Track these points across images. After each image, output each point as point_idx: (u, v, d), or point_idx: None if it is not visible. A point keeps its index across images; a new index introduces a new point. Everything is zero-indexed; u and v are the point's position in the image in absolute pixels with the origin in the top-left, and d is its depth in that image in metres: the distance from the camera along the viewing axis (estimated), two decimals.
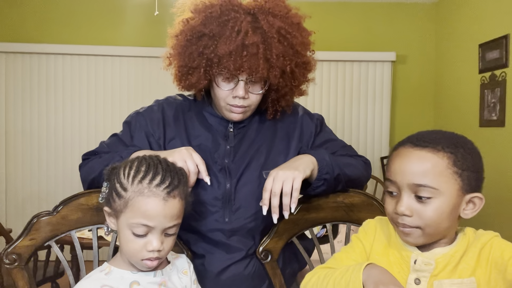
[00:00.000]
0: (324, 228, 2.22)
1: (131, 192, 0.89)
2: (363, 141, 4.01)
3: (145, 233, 0.89)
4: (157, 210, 0.88)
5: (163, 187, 0.89)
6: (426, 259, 0.86)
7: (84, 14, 3.89)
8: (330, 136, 1.29)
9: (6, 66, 3.83)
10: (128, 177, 0.91)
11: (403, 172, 0.84)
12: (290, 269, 1.27)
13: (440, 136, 0.86)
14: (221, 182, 1.16)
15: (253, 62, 1.08)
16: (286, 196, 1.05)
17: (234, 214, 1.15)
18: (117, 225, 0.93)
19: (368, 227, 0.99)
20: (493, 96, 3.09)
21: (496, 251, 0.82)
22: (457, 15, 3.61)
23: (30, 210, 3.83)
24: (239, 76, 1.11)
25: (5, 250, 1.09)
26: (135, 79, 3.93)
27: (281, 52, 1.10)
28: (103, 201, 0.95)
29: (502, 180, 3.03)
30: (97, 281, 0.92)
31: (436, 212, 0.82)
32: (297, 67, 1.16)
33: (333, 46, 3.92)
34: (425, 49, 3.99)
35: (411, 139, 0.87)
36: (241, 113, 1.16)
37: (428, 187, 0.81)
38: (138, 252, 0.90)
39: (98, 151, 1.21)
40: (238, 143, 1.20)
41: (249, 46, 1.07)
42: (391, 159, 0.89)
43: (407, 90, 4.03)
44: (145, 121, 1.21)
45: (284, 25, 1.12)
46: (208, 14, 1.10)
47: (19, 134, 3.87)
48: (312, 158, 1.13)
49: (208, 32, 1.09)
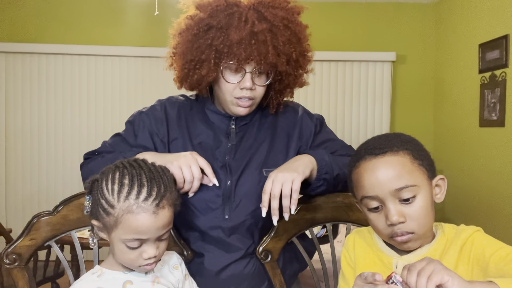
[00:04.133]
0: (324, 228, 2.22)
1: (119, 209, 0.87)
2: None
3: (139, 245, 0.89)
4: (148, 225, 0.88)
5: (151, 201, 0.88)
6: (405, 261, 0.85)
7: (84, 14, 3.89)
8: (330, 136, 1.29)
9: (6, 66, 3.83)
10: (113, 193, 0.88)
11: (379, 183, 0.83)
12: (291, 270, 1.27)
13: (389, 139, 0.88)
14: (222, 179, 1.16)
15: (262, 50, 1.10)
16: (285, 198, 1.06)
17: (234, 211, 1.15)
18: (109, 238, 0.92)
19: (348, 244, 0.99)
20: (493, 96, 3.09)
21: (478, 248, 0.82)
22: (457, 15, 3.61)
23: (30, 210, 3.83)
24: (246, 67, 1.12)
25: (5, 250, 1.09)
26: (135, 79, 3.93)
27: (287, 39, 1.13)
28: (88, 214, 0.93)
29: (502, 180, 3.03)
30: (92, 283, 0.92)
31: (423, 207, 0.83)
32: (301, 56, 1.19)
33: (333, 46, 3.92)
34: (425, 49, 3.99)
35: (367, 151, 0.88)
36: (248, 106, 1.16)
37: (409, 187, 0.82)
38: (135, 261, 0.91)
39: (101, 151, 1.21)
40: (239, 141, 1.21)
41: (258, 33, 1.10)
42: (358, 177, 0.88)
43: (407, 90, 4.03)
44: (149, 120, 1.21)
45: (286, 15, 1.15)
46: (214, 7, 1.13)
47: (19, 134, 3.87)
48: (311, 158, 1.14)
49: (216, 24, 1.11)
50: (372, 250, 0.93)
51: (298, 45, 1.17)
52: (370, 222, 0.89)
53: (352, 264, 0.96)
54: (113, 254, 0.95)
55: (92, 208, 0.92)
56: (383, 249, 0.91)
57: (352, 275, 0.95)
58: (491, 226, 3.04)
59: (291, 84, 1.23)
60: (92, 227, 0.94)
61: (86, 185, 0.93)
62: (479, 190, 3.30)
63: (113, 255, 0.95)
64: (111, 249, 0.95)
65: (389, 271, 0.87)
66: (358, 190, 0.89)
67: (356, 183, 0.89)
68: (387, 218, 0.83)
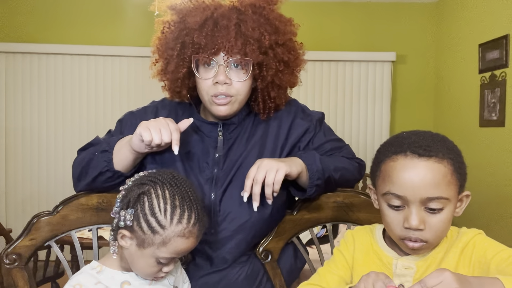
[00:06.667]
0: (324, 228, 2.22)
1: (170, 231, 0.88)
2: (363, 141, 4.01)
3: (169, 262, 0.93)
4: (191, 247, 0.92)
5: (198, 226, 0.91)
6: (406, 263, 0.85)
7: (84, 14, 3.89)
8: (328, 137, 1.24)
9: (6, 66, 3.83)
10: (165, 213, 0.88)
11: (413, 186, 0.78)
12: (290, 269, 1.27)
13: (435, 141, 0.82)
14: (206, 193, 1.13)
15: (226, 35, 1.05)
16: (268, 186, 1.03)
17: (221, 225, 1.13)
18: (137, 251, 0.90)
19: (347, 238, 0.97)
20: (493, 96, 3.09)
21: (479, 250, 0.81)
22: (457, 15, 3.61)
23: (30, 210, 3.82)
24: (216, 59, 1.08)
25: (5, 250, 1.09)
26: (135, 79, 3.92)
27: (256, 25, 1.07)
28: (122, 226, 0.90)
29: (502, 180, 3.03)
30: (92, 277, 0.93)
31: (445, 220, 0.80)
32: (280, 47, 1.12)
33: (333, 46, 3.91)
34: (425, 49, 3.99)
35: (410, 147, 0.80)
36: (226, 104, 1.11)
37: (442, 199, 0.78)
38: (154, 273, 0.93)
39: (92, 143, 1.20)
40: (227, 151, 1.17)
41: (219, 17, 1.06)
42: (391, 171, 0.81)
43: (407, 90, 4.03)
44: (136, 121, 1.19)
45: (256, 1, 1.10)
46: (180, 4, 1.13)
47: (19, 134, 3.87)
48: (302, 162, 1.11)
49: (182, 17, 1.12)
50: (372, 249, 0.92)
51: (273, 33, 1.10)
52: (384, 217, 0.85)
53: (349, 258, 0.93)
54: (124, 259, 0.94)
55: (131, 221, 0.89)
56: (383, 249, 0.90)
57: (344, 265, 0.93)
58: (491, 226, 3.04)
59: (276, 81, 1.15)
60: (116, 236, 0.92)
61: (132, 197, 0.89)
62: (479, 190, 3.30)
63: (121, 259, 0.95)
64: (121, 254, 0.95)
65: (389, 271, 0.86)
66: (385, 183, 0.83)
67: (385, 175, 0.83)
68: (406, 220, 0.79)
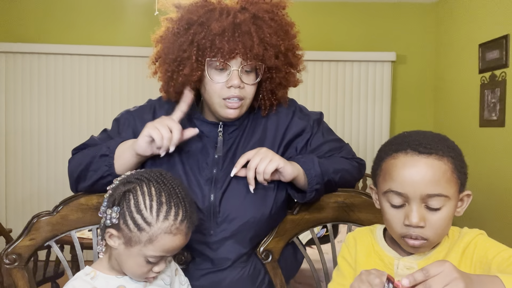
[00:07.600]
0: (324, 228, 2.21)
1: (156, 228, 0.86)
2: (363, 141, 4.01)
3: (158, 261, 0.91)
4: (180, 245, 0.91)
5: (186, 223, 0.90)
6: (407, 263, 0.85)
7: (84, 14, 3.89)
8: (327, 138, 1.23)
9: (6, 66, 3.82)
10: (151, 210, 0.87)
11: (413, 183, 0.79)
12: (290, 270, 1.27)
13: (436, 140, 0.83)
14: (206, 194, 1.13)
15: (247, 41, 1.05)
16: (258, 174, 1.06)
17: (220, 227, 1.12)
18: (124, 250, 0.89)
19: (349, 241, 0.97)
20: (493, 96, 3.09)
21: (481, 250, 0.81)
22: (457, 15, 3.61)
23: (30, 210, 3.82)
24: (232, 64, 1.07)
25: (5, 250, 1.09)
26: (135, 79, 3.92)
27: (273, 30, 1.09)
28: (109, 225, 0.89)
29: (502, 180, 3.03)
30: (87, 283, 0.92)
31: (445, 218, 0.81)
32: (290, 50, 1.15)
33: (333, 46, 3.91)
34: (425, 49, 3.99)
35: (411, 145, 0.81)
36: (237, 108, 1.11)
37: (441, 196, 0.79)
38: (144, 274, 0.92)
39: (88, 143, 1.20)
40: (227, 151, 1.17)
41: (241, 24, 1.06)
42: (392, 169, 0.82)
43: (407, 90, 4.02)
44: (134, 120, 1.19)
45: (271, 8, 1.12)
46: (193, 5, 1.11)
47: (19, 134, 3.87)
48: (299, 167, 1.11)
49: (196, 19, 1.08)
50: (373, 250, 0.92)
51: (286, 38, 1.12)
52: (385, 216, 0.85)
53: (352, 261, 0.94)
54: (114, 260, 0.93)
55: (116, 219, 0.88)
56: (384, 249, 0.90)
57: (350, 273, 0.93)
58: (491, 226, 3.04)
59: (283, 83, 1.17)
60: (104, 235, 0.91)
61: (117, 194, 0.89)
62: (479, 190, 3.30)
63: (111, 261, 0.94)
64: (110, 255, 0.94)
65: (390, 271, 0.86)
66: (386, 181, 0.83)
67: (386, 173, 0.83)
68: (407, 218, 0.80)
